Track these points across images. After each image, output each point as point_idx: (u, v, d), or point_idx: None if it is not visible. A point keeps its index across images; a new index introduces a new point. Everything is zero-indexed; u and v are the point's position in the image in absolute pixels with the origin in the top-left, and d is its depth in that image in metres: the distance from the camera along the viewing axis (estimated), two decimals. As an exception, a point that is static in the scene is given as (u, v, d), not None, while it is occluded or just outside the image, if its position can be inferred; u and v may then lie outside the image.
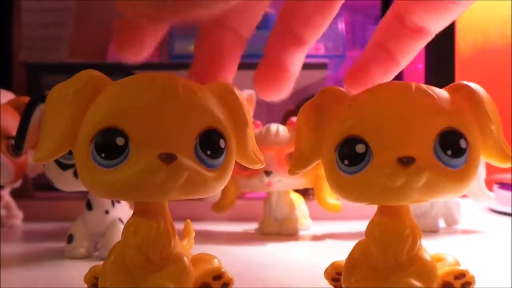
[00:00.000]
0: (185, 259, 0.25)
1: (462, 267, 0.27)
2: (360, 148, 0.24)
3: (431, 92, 0.24)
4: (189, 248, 0.32)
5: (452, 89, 0.25)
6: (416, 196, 0.23)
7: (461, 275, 0.26)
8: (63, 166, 0.39)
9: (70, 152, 0.38)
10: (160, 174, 0.22)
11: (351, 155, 0.24)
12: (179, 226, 0.30)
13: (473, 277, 0.26)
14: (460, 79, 0.26)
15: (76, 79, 0.24)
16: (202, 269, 0.27)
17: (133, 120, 0.23)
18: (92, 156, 0.23)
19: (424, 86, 0.24)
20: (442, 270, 0.26)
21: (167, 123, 0.23)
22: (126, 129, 0.23)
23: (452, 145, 0.23)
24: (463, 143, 0.23)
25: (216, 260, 0.29)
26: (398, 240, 0.25)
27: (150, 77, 0.24)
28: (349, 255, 0.27)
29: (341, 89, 0.26)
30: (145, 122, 0.23)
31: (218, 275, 0.26)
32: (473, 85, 0.25)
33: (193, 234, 0.33)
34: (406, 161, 0.22)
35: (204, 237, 0.50)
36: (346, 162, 0.24)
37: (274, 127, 0.49)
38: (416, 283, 0.24)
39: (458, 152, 0.23)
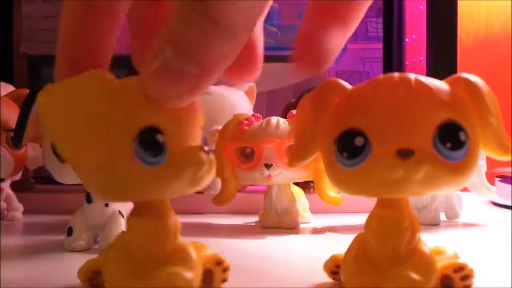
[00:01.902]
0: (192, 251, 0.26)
1: (461, 260, 0.27)
2: (359, 141, 0.23)
3: (431, 85, 0.24)
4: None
5: (452, 81, 0.25)
6: (416, 189, 0.23)
7: (460, 268, 0.26)
8: (63, 159, 0.38)
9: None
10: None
11: (350, 147, 0.24)
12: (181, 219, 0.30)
13: (472, 270, 0.26)
14: (462, 71, 0.26)
15: None
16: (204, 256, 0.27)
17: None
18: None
19: (423, 78, 0.24)
20: (441, 263, 0.26)
21: None
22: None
23: (451, 138, 0.23)
24: (462, 136, 0.23)
25: (207, 248, 0.29)
26: (397, 233, 0.25)
27: None
28: (349, 248, 0.27)
29: (341, 81, 0.26)
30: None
31: (220, 262, 0.27)
32: (473, 77, 0.25)
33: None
34: (405, 154, 0.22)
35: (205, 230, 0.50)
36: (345, 154, 0.24)
37: (274, 119, 0.49)
38: (415, 276, 0.24)
39: (458, 144, 0.23)
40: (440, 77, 0.25)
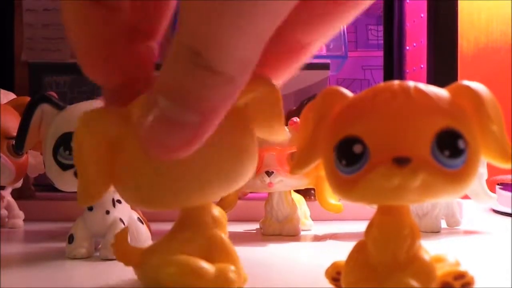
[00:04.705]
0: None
1: (462, 267, 0.27)
2: (357, 148, 0.23)
3: (430, 92, 0.24)
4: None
5: (453, 89, 0.25)
6: (413, 197, 0.23)
7: (461, 275, 0.26)
8: (64, 167, 0.39)
9: (70, 152, 0.38)
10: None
11: (349, 155, 0.24)
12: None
13: (472, 278, 0.26)
14: (462, 78, 0.26)
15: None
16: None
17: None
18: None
19: (423, 86, 0.24)
20: (441, 270, 0.26)
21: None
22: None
23: (449, 146, 0.23)
24: (461, 144, 0.23)
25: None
26: (397, 240, 0.25)
27: None
28: (349, 255, 0.27)
29: (342, 89, 0.26)
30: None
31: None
32: (474, 84, 0.25)
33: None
34: (401, 161, 0.22)
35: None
36: (344, 162, 0.24)
37: (275, 127, 0.49)
38: (415, 283, 0.24)
39: (456, 152, 0.23)
40: (441, 85, 0.25)
